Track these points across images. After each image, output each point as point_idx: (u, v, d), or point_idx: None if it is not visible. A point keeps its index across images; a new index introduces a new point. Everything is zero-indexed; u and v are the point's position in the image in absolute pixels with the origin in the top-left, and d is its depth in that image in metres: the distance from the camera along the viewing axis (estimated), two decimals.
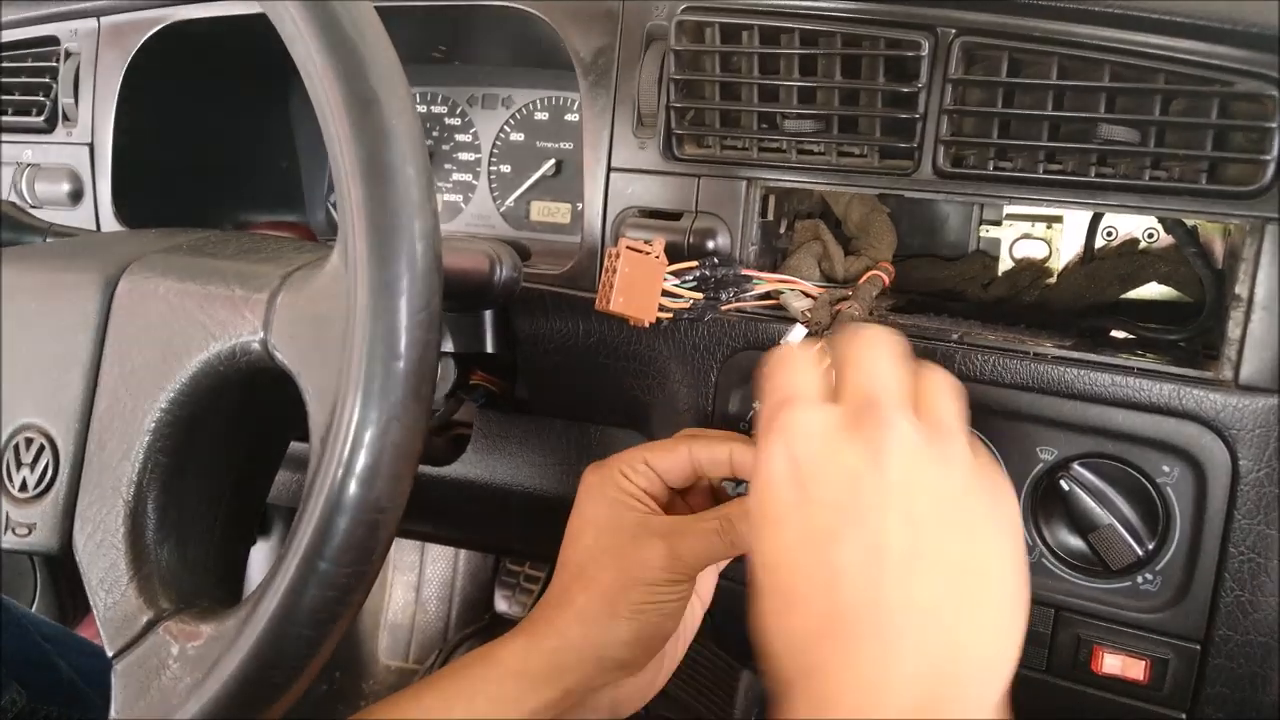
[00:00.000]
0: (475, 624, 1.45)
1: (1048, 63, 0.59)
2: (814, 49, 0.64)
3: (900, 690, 0.40)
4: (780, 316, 0.68)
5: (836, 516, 0.42)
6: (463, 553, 1.47)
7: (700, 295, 0.66)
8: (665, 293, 0.64)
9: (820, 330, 0.64)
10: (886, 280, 0.69)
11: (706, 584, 0.67)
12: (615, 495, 0.60)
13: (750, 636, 0.46)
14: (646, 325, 0.64)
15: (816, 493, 0.43)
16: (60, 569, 1.33)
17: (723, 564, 0.67)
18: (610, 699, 0.61)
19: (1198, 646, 0.59)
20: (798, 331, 0.65)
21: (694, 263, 0.66)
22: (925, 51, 0.61)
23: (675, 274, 0.65)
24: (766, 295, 0.68)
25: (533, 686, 0.56)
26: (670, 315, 0.65)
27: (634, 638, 0.57)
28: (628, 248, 0.63)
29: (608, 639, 0.57)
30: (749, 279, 0.68)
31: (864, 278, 0.68)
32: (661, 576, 0.57)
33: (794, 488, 0.44)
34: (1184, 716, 0.60)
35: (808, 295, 0.67)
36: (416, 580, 1.48)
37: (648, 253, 0.64)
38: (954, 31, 0.61)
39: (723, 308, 0.68)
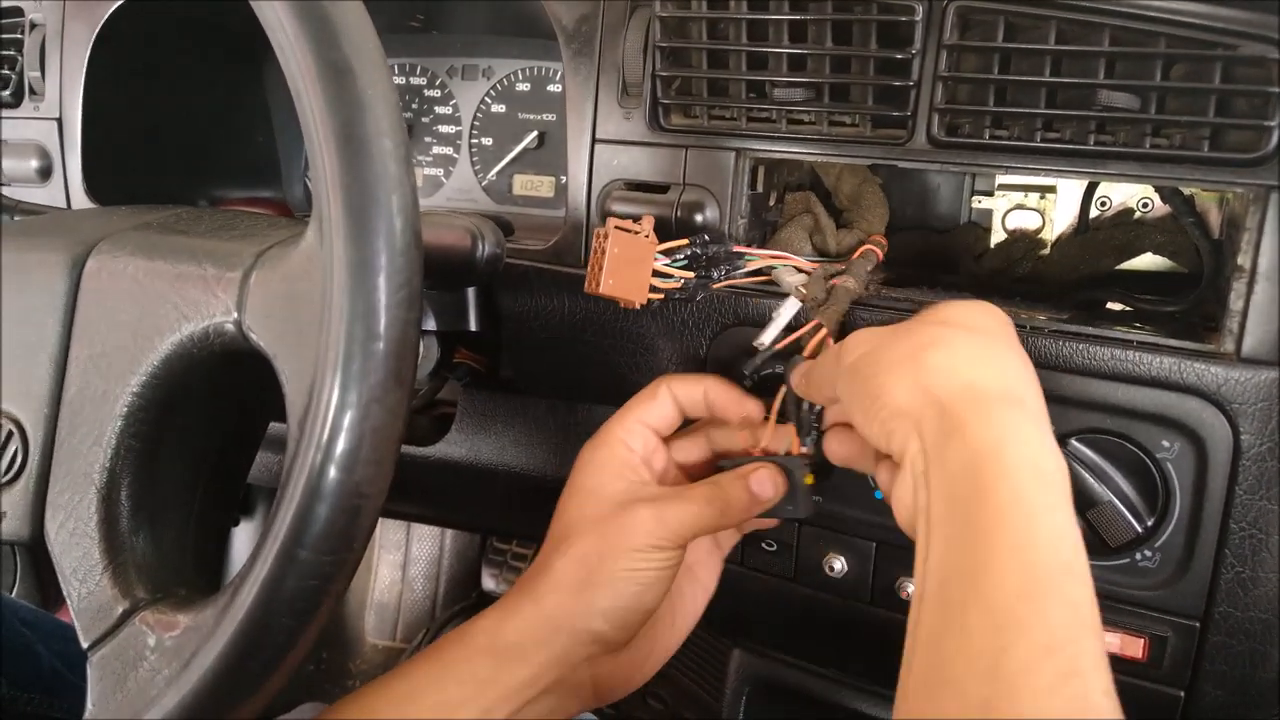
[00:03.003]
0: (462, 602, 1.45)
1: (1045, 27, 0.57)
2: (804, 14, 0.62)
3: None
4: (772, 291, 0.66)
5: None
6: (449, 531, 1.46)
7: (691, 274, 0.65)
8: (656, 272, 0.63)
9: (816, 306, 0.62)
10: (880, 255, 0.67)
11: (710, 571, 0.65)
12: (611, 465, 0.60)
13: (741, 615, 0.45)
14: (637, 307, 0.62)
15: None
16: (40, 554, 1.31)
17: (726, 548, 0.66)
18: (592, 682, 0.59)
19: (1197, 624, 0.58)
20: (790, 305, 0.63)
21: (684, 240, 0.64)
22: (919, 16, 0.59)
23: (665, 253, 0.63)
24: (758, 271, 0.67)
25: (503, 664, 0.55)
26: (661, 296, 0.63)
27: (611, 607, 0.56)
28: (616, 227, 0.61)
29: (584, 609, 0.55)
30: (740, 255, 0.66)
31: (858, 252, 0.67)
32: (645, 542, 0.56)
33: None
34: (1183, 694, 0.60)
35: (801, 270, 0.66)
36: (403, 559, 1.47)
37: (637, 232, 0.62)
38: None
39: (714, 286, 0.66)
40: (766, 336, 0.64)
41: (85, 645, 0.50)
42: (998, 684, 0.37)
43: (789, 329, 0.63)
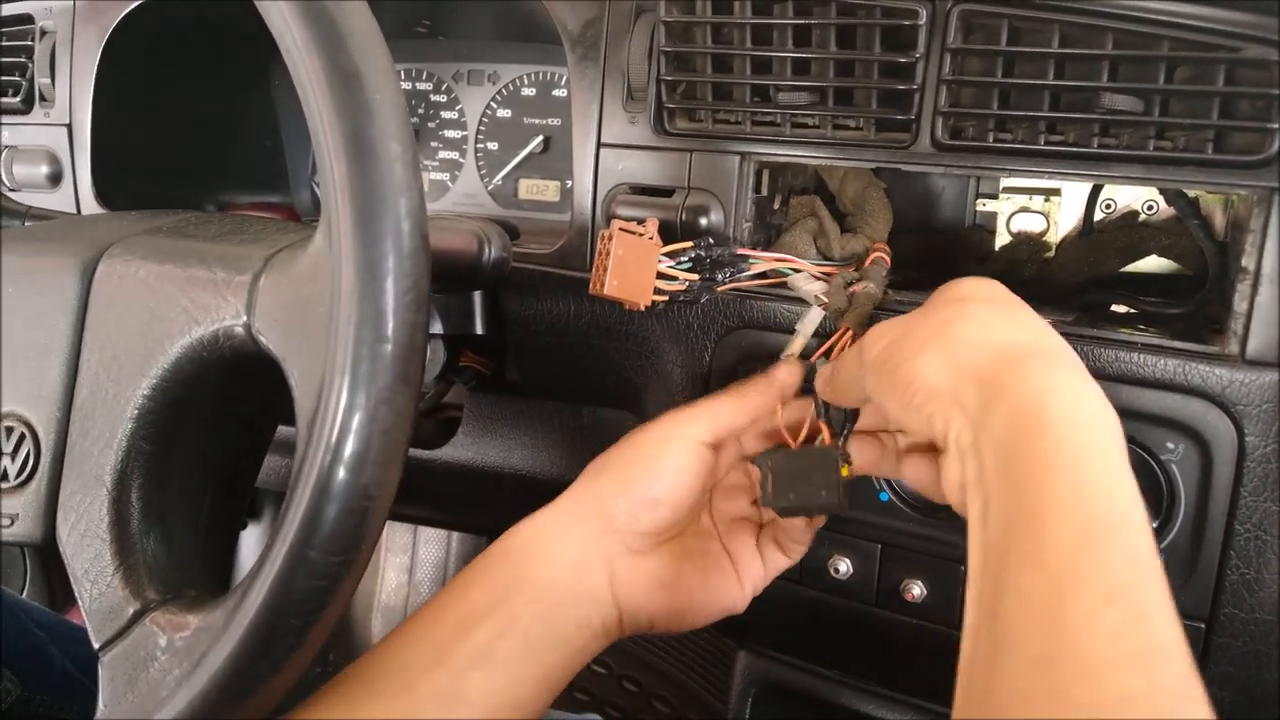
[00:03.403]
0: None
1: (1049, 30, 0.57)
2: (808, 19, 0.63)
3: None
4: (776, 294, 0.67)
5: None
6: (455, 534, 1.46)
7: (695, 276, 0.65)
8: (660, 274, 0.63)
9: (838, 314, 0.63)
10: (889, 260, 0.68)
11: (754, 570, 0.62)
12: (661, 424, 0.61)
13: (747, 616, 0.45)
14: (642, 309, 0.63)
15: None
16: (50, 556, 1.32)
17: (786, 544, 0.63)
18: (612, 587, 0.57)
19: (1202, 625, 0.58)
20: (814, 315, 0.64)
21: (688, 243, 0.64)
22: (923, 20, 0.60)
23: (669, 255, 0.64)
24: (763, 274, 0.67)
25: (528, 560, 0.56)
26: (665, 298, 0.64)
27: (630, 492, 0.57)
28: (620, 229, 0.61)
29: (608, 491, 0.57)
30: (745, 258, 0.66)
31: (869, 259, 0.67)
32: (670, 431, 0.58)
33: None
34: None
35: (817, 278, 0.66)
36: (409, 562, 1.48)
37: (641, 234, 0.62)
38: None
39: (719, 289, 0.66)
40: (794, 348, 0.64)
41: (97, 646, 0.50)
42: (1060, 638, 0.37)
43: (814, 337, 0.64)
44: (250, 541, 1.42)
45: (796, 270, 0.67)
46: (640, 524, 0.57)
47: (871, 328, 0.54)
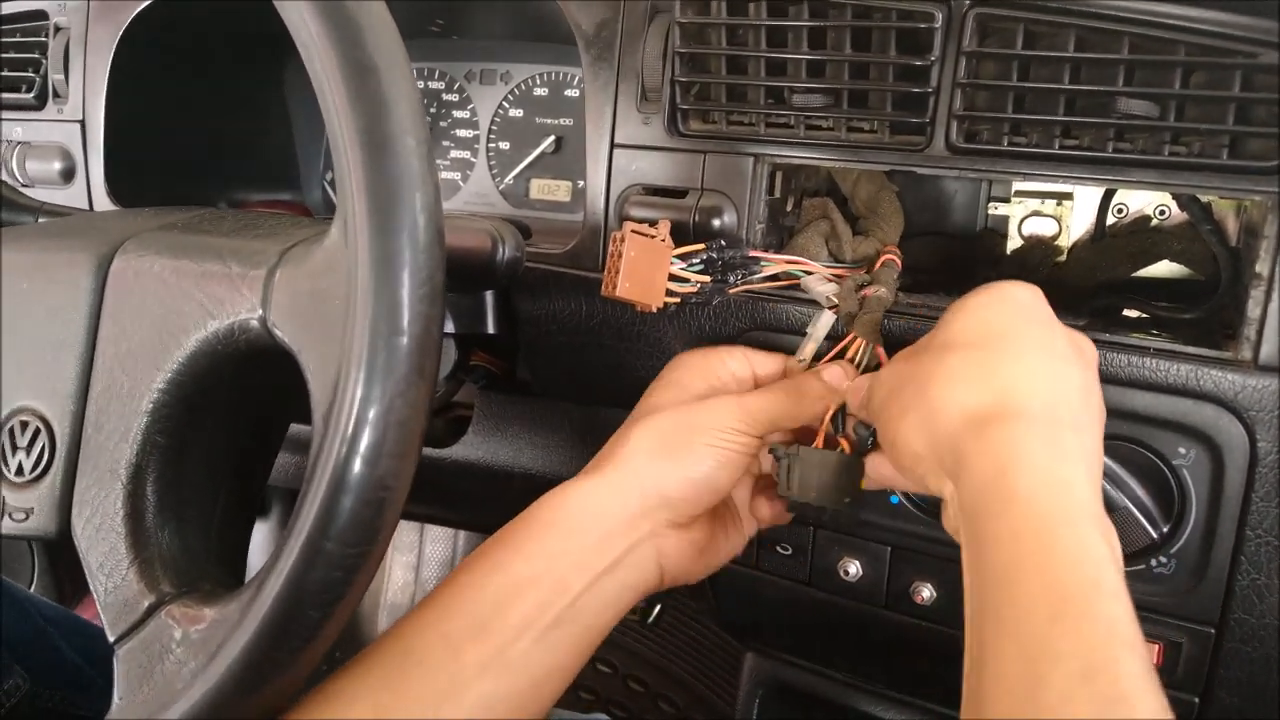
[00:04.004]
0: None
1: (1064, 34, 0.57)
2: (823, 21, 0.63)
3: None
4: (789, 296, 0.67)
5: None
6: (463, 533, 1.46)
7: (707, 278, 0.65)
8: (672, 276, 0.63)
9: (850, 317, 0.63)
10: (900, 264, 0.68)
11: (751, 521, 0.65)
12: (702, 369, 0.64)
13: (755, 618, 0.46)
14: (654, 310, 0.63)
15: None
16: (59, 550, 1.32)
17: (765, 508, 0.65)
18: (657, 555, 0.59)
19: (1212, 630, 0.58)
20: (826, 319, 0.64)
21: (700, 245, 0.64)
22: (938, 23, 0.60)
23: (681, 257, 0.64)
24: (774, 277, 0.67)
25: (572, 533, 0.56)
26: (677, 300, 0.64)
27: (687, 477, 0.57)
28: (632, 231, 0.61)
29: (659, 473, 0.58)
30: (757, 261, 0.66)
31: (880, 262, 0.67)
32: (727, 424, 0.58)
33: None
34: (1197, 701, 0.60)
35: (829, 280, 0.66)
36: (416, 560, 1.48)
37: (653, 235, 0.62)
38: (968, 2, 0.59)
39: (731, 291, 0.66)
40: (805, 351, 0.64)
41: (112, 639, 0.50)
42: (1037, 717, 0.36)
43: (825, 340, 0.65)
44: (259, 538, 1.42)
45: (808, 273, 0.67)
46: (689, 507, 0.59)
47: (883, 370, 0.56)
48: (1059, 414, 0.46)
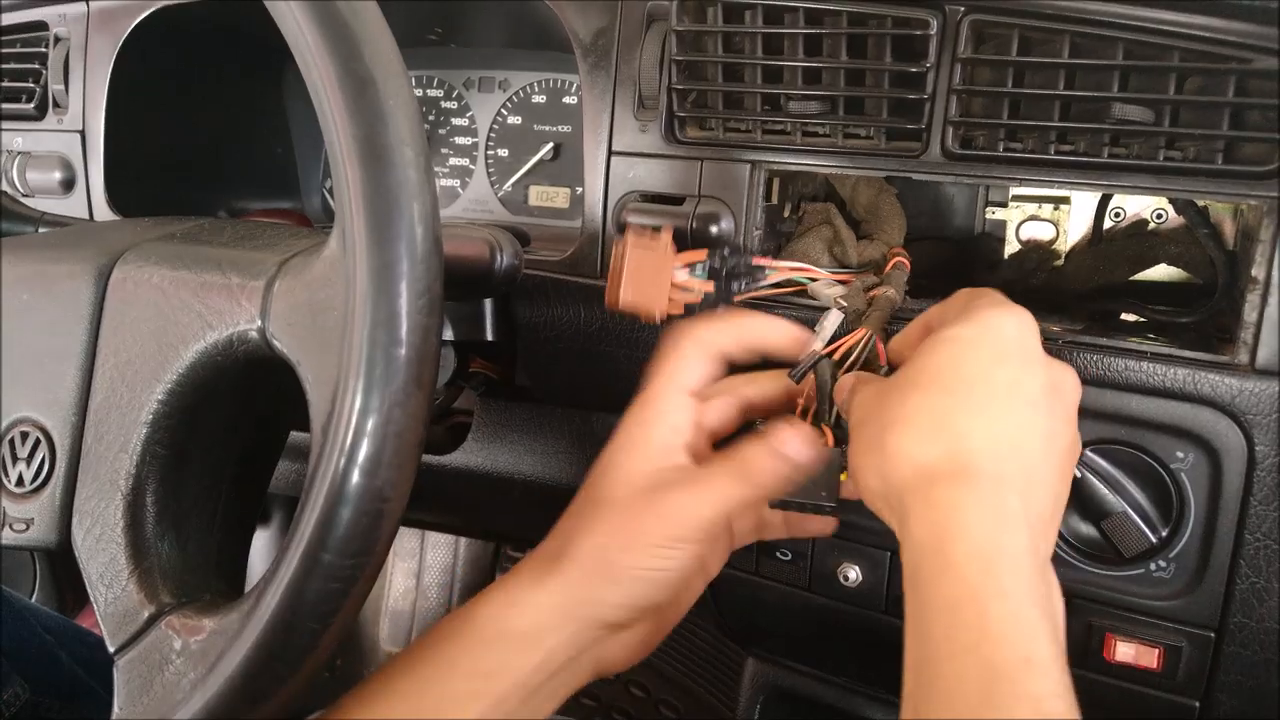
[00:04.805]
0: None
1: (1059, 40, 0.57)
2: (819, 28, 0.63)
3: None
4: (791, 302, 0.67)
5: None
6: (463, 539, 1.46)
7: (710, 286, 0.65)
8: (675, 285, 0.63)
9: (857, 317, 0.63)
10: (909, 266, 0.67)
11: (717, 561, 0.62)
12: (647, 446, 0.57)
13: (756, 623, 0.46)
14: (657, 321, 0.62)
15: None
16: (59, 560, 1.32)
17: (739, 540, 0.63)
18: (595, 659, 0.57)
19: (1212, 634, 0.58)
20: (834, 317, 0.63)
21: (703, 253, 0.64)
22: (933, 30, 0.60)
23: (685, 265, 0.63)
24: (779, 283, 0.67)
25: (512, 653, 0.53)
26: (680, 309, 0.63)
27: (624, 603, 0.54)
28: (634, 241, 0.61)
29: (597, 599, 0.54)
30: (761, 268, 0.66)
31: (890, 265, 0.67)
32: (666, 537, 0.53)
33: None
34: (1197, 705, 0.60)
35: (835, 285, 0.66)
36: (417, 567, 1.48)
37: (654, 245, 0.62)
38: (963, 9, 0.59)
39: (735, 299, 0.66)
40: (814, 348, 0.64)
41: (112, 649, 0.50)
42: None
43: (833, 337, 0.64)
44: (259, 545, 1.43)
45: (814, 279, 0.67)
46: (630, 621, 0.56)
47: (861, 393, 0.53)
48: (1007, 472, 0.45)
